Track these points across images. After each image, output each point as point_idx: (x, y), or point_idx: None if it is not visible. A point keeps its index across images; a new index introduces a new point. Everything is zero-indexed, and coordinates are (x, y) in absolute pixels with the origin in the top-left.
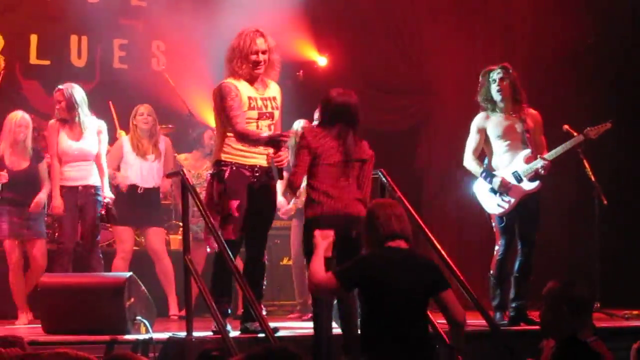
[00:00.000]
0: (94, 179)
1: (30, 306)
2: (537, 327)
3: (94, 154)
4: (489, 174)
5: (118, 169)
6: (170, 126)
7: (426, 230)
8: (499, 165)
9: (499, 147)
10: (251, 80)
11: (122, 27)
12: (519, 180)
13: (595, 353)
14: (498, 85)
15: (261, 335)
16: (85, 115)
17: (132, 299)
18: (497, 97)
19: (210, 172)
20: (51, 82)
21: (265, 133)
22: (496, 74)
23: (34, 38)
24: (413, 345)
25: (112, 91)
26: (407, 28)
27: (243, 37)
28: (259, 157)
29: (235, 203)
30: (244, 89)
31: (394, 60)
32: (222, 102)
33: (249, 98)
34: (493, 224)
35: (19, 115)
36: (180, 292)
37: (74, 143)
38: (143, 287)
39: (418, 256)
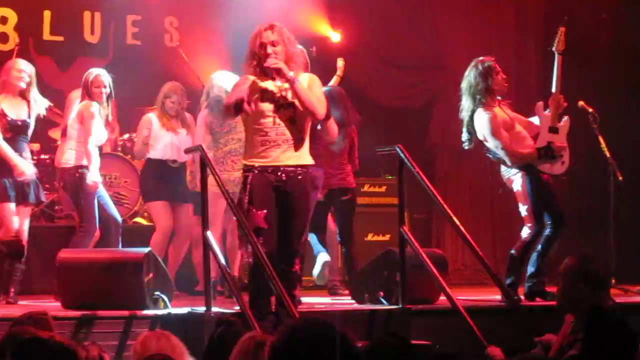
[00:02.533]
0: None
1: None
2: (553, 302)
3: None
4: (544, 147)
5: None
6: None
7: (442, 203)
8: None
9: (518, 131)
10: (267, 75)
11: (135, 3)
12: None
13: (623, 321)
14: (502, 79)
15: None
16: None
17: (151, 275)
18: (495, 83)
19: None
20: (64, 58)
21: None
22: (494, 70)
23: (47, 14)
24: None
25: (125, 68)
26: (421, 4)
27: (253, 32)
28: (281, 156)
29: (262, 214)
30: (257, 81)
31: (408, 37)
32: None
33: (262, 89)
34: (523, 207)
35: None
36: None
37: (104, 129)
38: (162, 263)
39: None
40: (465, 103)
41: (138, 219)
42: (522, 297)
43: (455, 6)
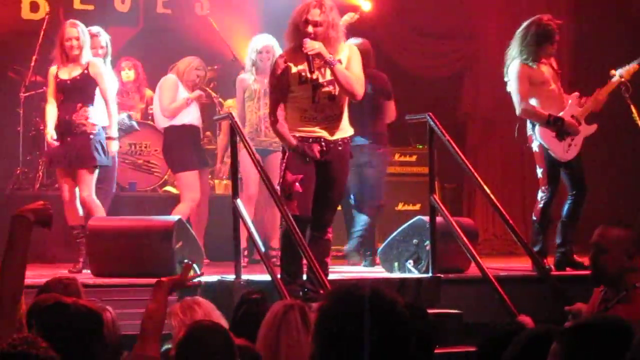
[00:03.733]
0: None
1: None
2: (584, 271)
3: None
4: (557, 117)
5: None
6: (215, 67)
7: (473, 172)
8: (553, 109)
9: (544, 93)
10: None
11: None
12: (580, 123)
13: None
14: (554, 46)
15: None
16: None
17: (181, 242)
18: (543, 52)
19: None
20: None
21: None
22: (556, 36)
23: None
24: None
25: (155, 36)
26: None
27: (301, 6)
28: (322, 131)
29: (298, 178)
30: (294, 62)
31: (439, 6)
32: (269, 77)
33: (299, 70)
34: (540, 170)
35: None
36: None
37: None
38: (192, 231)
39: None
40: (512, 50)
41: (168, 188)
42: (552, 267)
43: None
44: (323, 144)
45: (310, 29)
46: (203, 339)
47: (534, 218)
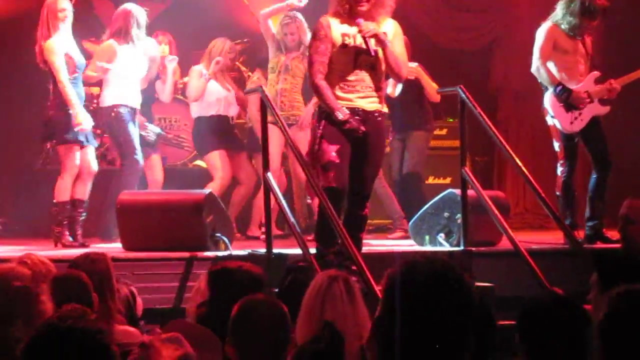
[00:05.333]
0: None
1: None
2: (615, 245)
3: None
4: (565, 87)
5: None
6: (245, 40)
7: (505, 145)
8: (566, 81)
9: (565, 62)
10: (353, 17)
11: None
12: (591, 100)
13: None
14: (593, 24)
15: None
16: None
17: (211, 217)
18: (583, 25)
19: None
20: (123, 1)
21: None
22: (598, 14)
23: None
24: None
25: (184, 11)
26: None
27: None
28: (360, 101)
29: (334, 148)
30: (338, 27)
31: None
32: (311, 39)
33: (344, 35)
34: (557, 144)
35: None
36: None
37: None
38: (222, 205)
39: None
40: (554, 12)
41: (198, 162)
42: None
43: None
44: (361, 113)
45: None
46: (257, 312)
47: (557, 193)
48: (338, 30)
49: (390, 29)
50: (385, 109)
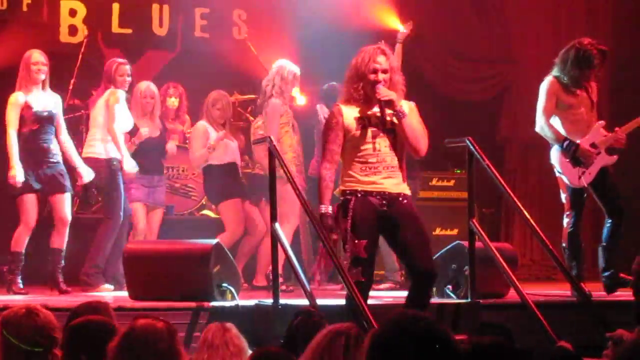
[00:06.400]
0: None
1: None
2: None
3: None
4: (571, 142)
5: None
6: (254, 96)
7: (513, 196)
8: (572, 134)
9: (569, 116)
10: (368, 103)
11: None
12: (599, 151)
13: None
14: (594, 71)
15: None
16: None
17: (218, 266)
18: (583, 76)
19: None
20: (133, 50)
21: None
22: (596, 61)
23: (115, 6)
24: None
25: (193, 60)
26: None
27: (362, 54)
28: (384, 182)
29: (362, 243)
30: (351, 112)
31: (477, 29)
32: (324, 128)
33: (357, 119)
34: (563, 195)
35: (144, 86)
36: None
37: (130, 117)
38: (229, 255)
39: None
40: (553, 69)
41: (205, 212)
42: (604, 292)
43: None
44: (387, 197)
45: (380, 75)
46: None
47: (563, 244)
48: (351, 116)
49: (405, 107)
50: (409, 191)
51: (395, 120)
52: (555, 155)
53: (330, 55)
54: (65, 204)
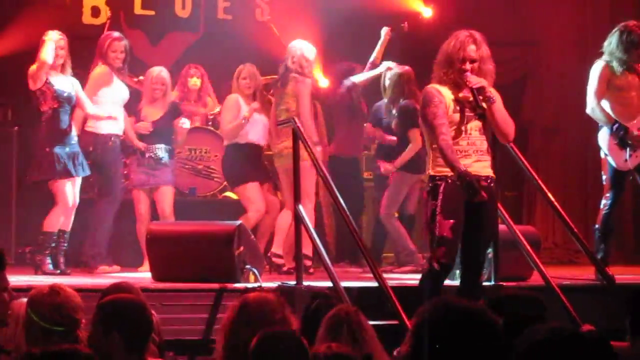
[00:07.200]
0: None
1: None
2: None
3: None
4: (621, 126)
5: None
6: (276, 77)
7: (537, 179)
8: (621, 117)
9: (619, 99)
10: (458, 87)
11: None
12: None
13: None
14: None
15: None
16: None
17: (242, 248)
18: (631, 59)
19: (426, 189)
20: (155, 32)
21: (463, 163)
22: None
23: None
24: None
25: (216, 42)
26: None
27: (454, 41)
28: (474, 165)
29: (449, 223)
30: (447, 93)
31: (501, 12)
32: (424, 108)
33: (454, 101)
34: (604, 177)
35: (155, 72)
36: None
37: (124, 89)
38: (252, 236)
39: None
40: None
41: (227, 193)
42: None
43: None
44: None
45: (467, 65)
46: (276, 346)
47: (596, 225)
48: (448, 97)
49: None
50: (492, 174)
51: (484, 105)
52: (603, 136)
53: (352, 36)
54: (76, 188)
